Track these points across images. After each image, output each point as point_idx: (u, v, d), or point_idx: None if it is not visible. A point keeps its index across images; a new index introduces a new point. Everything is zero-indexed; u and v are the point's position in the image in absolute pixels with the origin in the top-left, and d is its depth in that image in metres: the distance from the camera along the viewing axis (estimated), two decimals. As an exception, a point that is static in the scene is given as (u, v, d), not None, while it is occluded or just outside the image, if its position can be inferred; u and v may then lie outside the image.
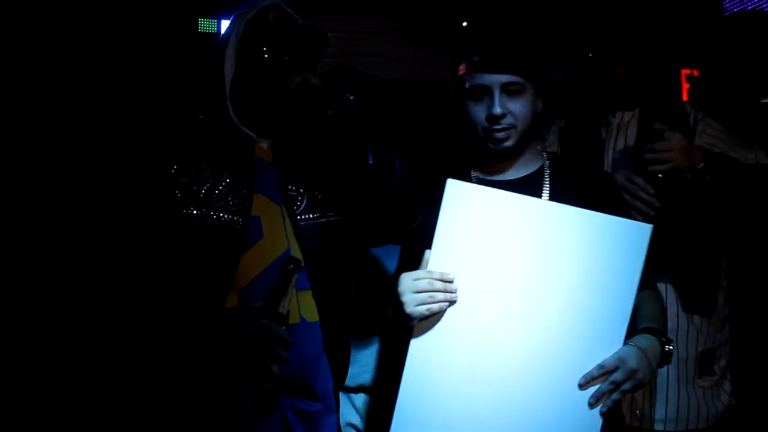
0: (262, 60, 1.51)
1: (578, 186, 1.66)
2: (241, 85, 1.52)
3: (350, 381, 1.73)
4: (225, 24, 2.43)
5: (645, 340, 1.43)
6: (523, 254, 1.33)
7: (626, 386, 1.37)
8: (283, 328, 1.35)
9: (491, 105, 1.57)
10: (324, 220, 1.56)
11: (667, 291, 1.86)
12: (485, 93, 1.58)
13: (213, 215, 1.45)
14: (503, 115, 1.57)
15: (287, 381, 1.42)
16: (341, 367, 1.58)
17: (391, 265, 2.01)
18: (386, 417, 1.43)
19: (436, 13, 2.46)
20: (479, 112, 1.60)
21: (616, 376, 1.36)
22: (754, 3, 2.76)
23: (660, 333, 1.48)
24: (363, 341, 1.94)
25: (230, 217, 1.45)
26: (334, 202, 1.59)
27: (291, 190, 1.55)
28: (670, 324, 1.81)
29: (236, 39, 1.52)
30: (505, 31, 1.60)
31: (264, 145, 1.58)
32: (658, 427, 1.81)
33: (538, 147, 1.77)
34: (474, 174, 1.73)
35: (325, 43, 1.56)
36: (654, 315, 1.56)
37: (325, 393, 1.51)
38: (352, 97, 1.36)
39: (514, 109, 1.58)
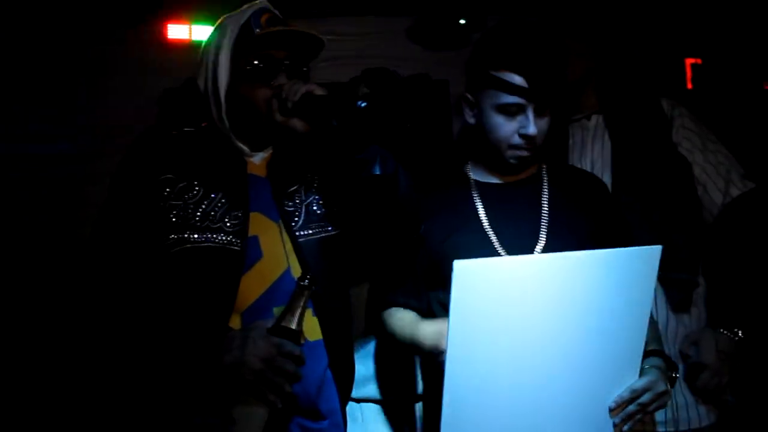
0: (258, 69, 1.46)
1: (575, 191, 1.68)
2: (238, 96, 1.47)
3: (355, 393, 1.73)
4: (196, 30, 2.32)
5: (660, 363, 1.47)
6: (541, 309, 1.30)
7: (652, 407, 1.41)
8: (296, 345, 1.31)
9: (526, 125, 1.57)
10: (324, 234, 1.53)
11: (656, 293, 1.85)
12: (520, 111, 1.57)
13: (210, 237, 1.41)
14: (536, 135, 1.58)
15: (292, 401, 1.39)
16: (346, 382, 1.55)
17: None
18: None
19: (437, 11, 2.46)
20: (509, 129, 1.59)
21: (645, 398, 1.39)
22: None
23: (667, 357, 1.52)
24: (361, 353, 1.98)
25: (228, 238, 1.41)
26: (333, 215, 1.56)
27: (288, 205, 1.51)
28: (661, 327, 1.83)
29: (230, 46, 1.47)
30: (549, 59, 1.56)
31: (256, 159, 1.54)
32: (659, 429, 1.80)
33: None
34: (471, 176, 1.73)
35: (320, 46, 1.52)
36: (656, 336, 1.59)
37: (331, 410, 1.48)
38: (363, 105, 1.32)
39: (542, 127, 1.60)
